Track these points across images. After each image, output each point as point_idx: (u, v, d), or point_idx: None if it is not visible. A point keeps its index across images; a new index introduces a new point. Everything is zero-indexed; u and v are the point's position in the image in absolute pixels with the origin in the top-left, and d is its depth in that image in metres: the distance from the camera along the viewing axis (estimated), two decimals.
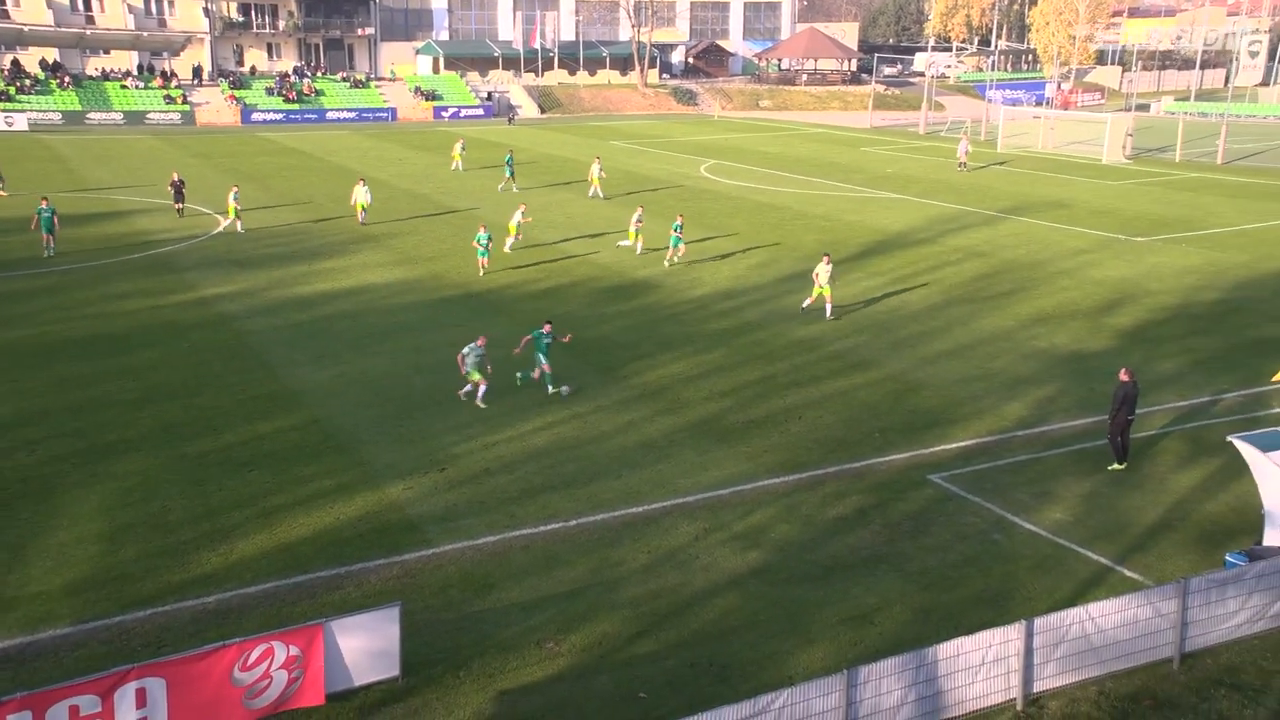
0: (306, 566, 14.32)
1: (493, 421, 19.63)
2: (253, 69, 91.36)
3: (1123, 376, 17.57)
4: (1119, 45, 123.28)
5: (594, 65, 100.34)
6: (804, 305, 27.02)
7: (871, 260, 33.70)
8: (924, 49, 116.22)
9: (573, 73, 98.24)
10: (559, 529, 15.55)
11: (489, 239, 31.02)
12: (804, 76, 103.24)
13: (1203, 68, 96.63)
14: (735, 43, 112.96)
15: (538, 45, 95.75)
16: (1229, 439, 14.61)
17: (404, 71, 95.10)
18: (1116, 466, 17.56)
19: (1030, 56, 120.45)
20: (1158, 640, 12.06)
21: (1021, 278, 31.28)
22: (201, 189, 45.78)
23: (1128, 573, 14.26)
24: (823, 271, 26.61)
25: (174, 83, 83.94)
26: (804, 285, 30.25)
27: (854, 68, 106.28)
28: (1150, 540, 15.21)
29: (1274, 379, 21.82)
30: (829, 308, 26.67)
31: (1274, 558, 12.83)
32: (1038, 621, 11.43)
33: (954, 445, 18.63)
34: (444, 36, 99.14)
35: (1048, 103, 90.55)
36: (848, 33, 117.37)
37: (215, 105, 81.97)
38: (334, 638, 11.17)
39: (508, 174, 47.42)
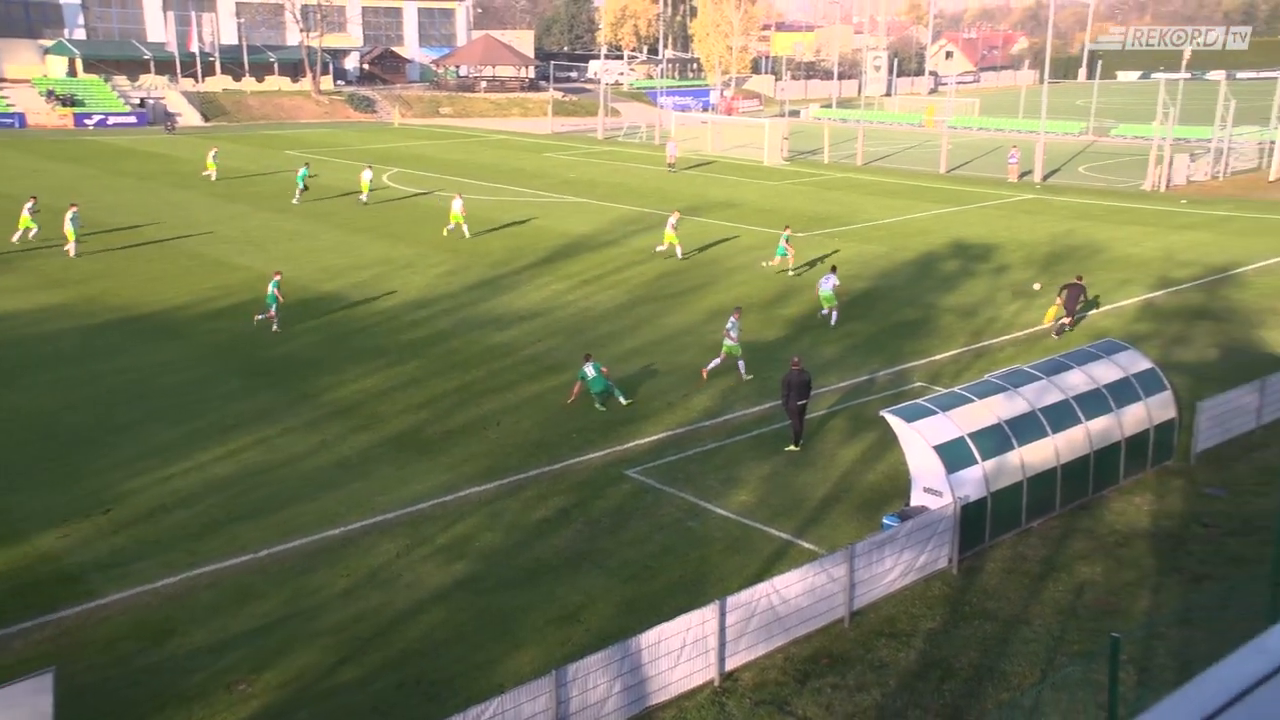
0: None
1: (167, 453, 18.14)
2: None
3: (792, 364, 18.96)
4: (770, 55, 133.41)
5: (261, 71, 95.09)
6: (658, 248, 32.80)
7: (559, 264, 34.31)
8: (597, 57, 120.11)
9: (238, 78, 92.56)
10: (249, 561, 14.61)
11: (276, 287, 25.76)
12: (483, 83, 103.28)
13: (840, 79, 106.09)
14: (411, 49, 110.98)
15: (195, 49, 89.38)
16: (881, 413, 16.13)
17: (30, 73, 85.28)
18: (792, 448, 18.93)
19: (695, 65, 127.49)
20: (832, 604, 13.12)
21: (700, 275, 32.97)
22: None
23: (805, 544, 15.41)
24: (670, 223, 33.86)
25: None
26: (494, 293, 30.38)
27: (532, 75, 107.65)
28: (823, 513, 16.52)
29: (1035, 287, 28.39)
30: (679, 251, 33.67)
31: (919, 516, 14.34)
32: (729, 600, 12.09)
33: (647, 440, 19.33)
34: (80, 35, 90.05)
35: (713, 108, 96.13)
36: (523, 40, 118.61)
37: None
38: None
39: (301, 187, 45.84)
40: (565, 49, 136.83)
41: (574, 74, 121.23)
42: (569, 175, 57.01)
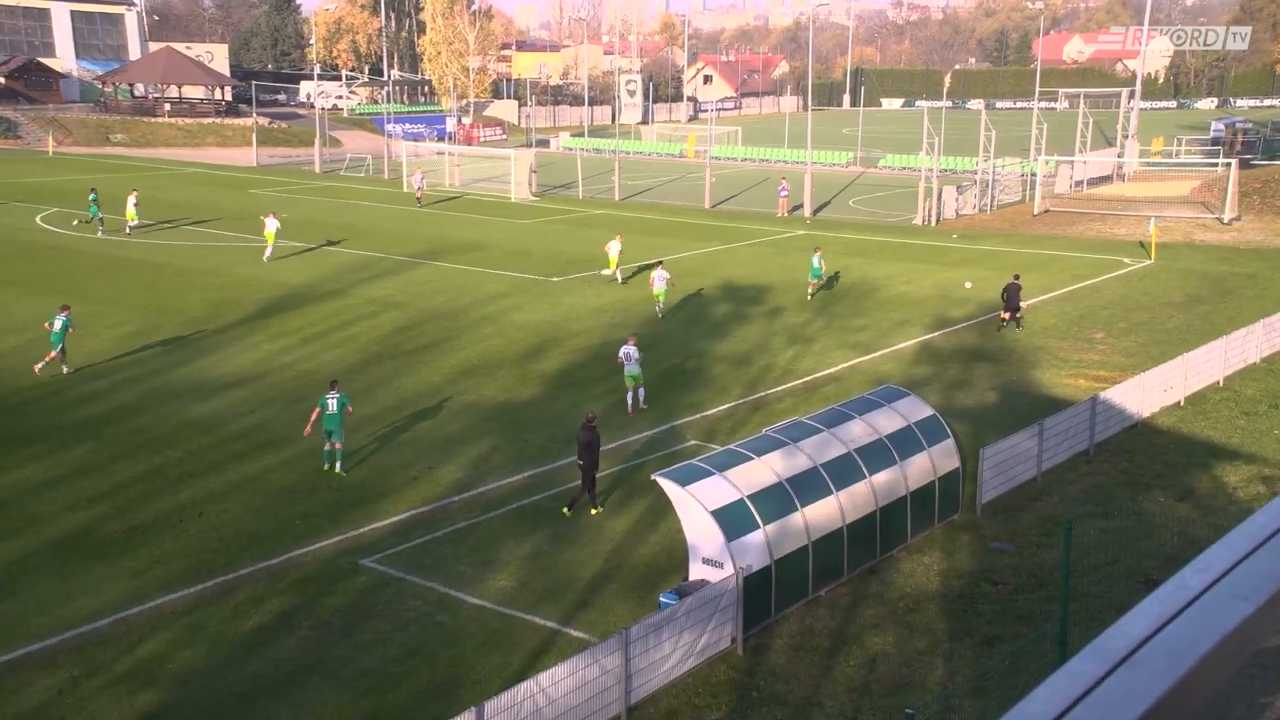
0: None
1: None
2: None
3: (587, 420, 19.35)
4: (513, 78, 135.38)
5: None
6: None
7: (274, 320, 33.19)
8: (309, 76, 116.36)
9: None
10: None
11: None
12: (167, 106, 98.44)
13: (592, 104, 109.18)
14: (66, 61, 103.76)
15: None
16: (653, 477, 16.48)
17: None
18: (566, 511, 19.15)
19: (427, 88, 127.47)
20: (606, 699, 13.17)
21: (444, 328, 32.73)
22: None
23: (575, 632, 15.43)
24: (613, 247, 38.38)
25: None
26: (193, 356, 29.09)
27: (229, 97, 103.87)
28: (593, 594, 16.62)
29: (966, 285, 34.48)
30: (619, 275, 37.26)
31: (698, 591, 14.70)
32: (488, 706, 11.89)
33: (388, 521, 18.88)
34: None
35: (450, 137, 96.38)
36: (216, 55, 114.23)
37: None
38: None
39: (94, 214, 47.36)
40: (269, 67, 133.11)
41: (282, 96, 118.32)
42: (283, 215, 55.40)
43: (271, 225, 43.19)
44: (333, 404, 21.07)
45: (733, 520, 15.38)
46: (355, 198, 62.65)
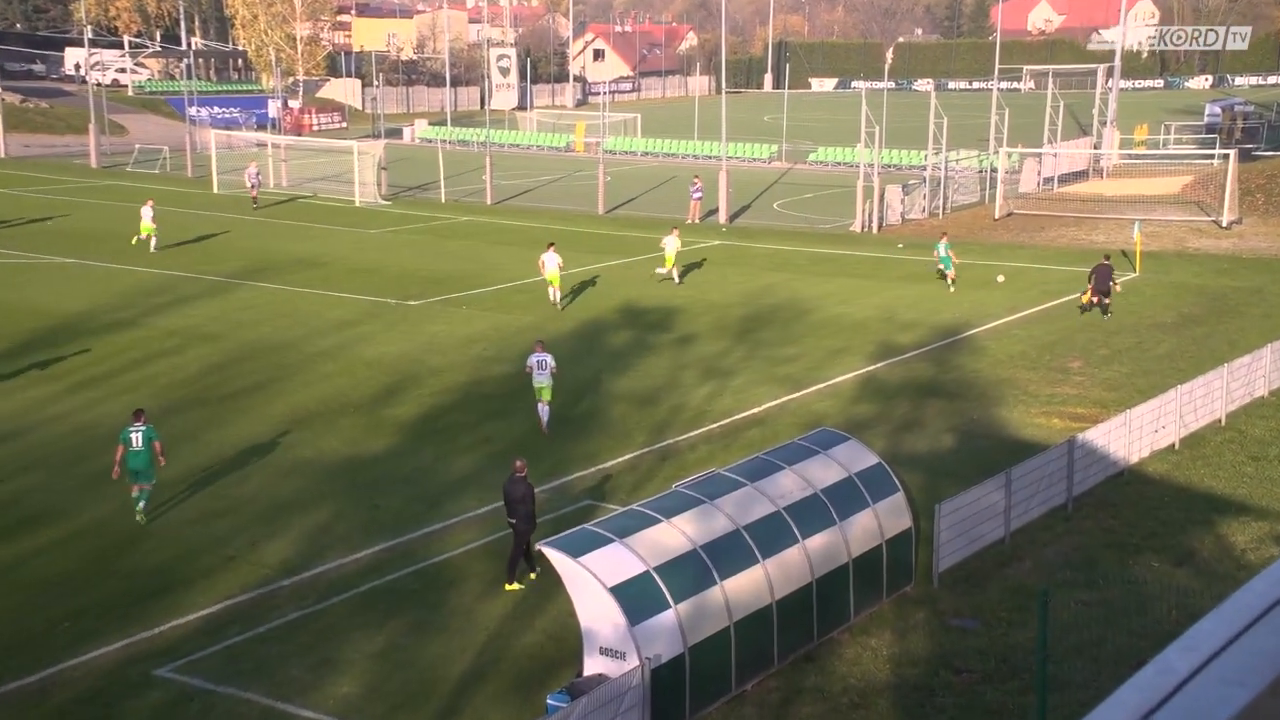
0: None
1: None
2: None
3: (514, 469, 19.90)
4: (354, 51, 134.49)
5: None
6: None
7: (39, 353, 32.70)
8: (77, 42, 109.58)
9: None
10: None
11: None
12: None
13: (455, 85, 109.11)
14: None
15: None
16: (538, 547, 16.45)
17: None
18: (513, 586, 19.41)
19: (240, 62, 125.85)
20: None
21: (270, 365, 32.30)
22: None
23: None
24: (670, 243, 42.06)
25: None
26: None
27: None
28: (463, 698, 16.49)
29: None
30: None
31: (595, 689, 14.66)
32: None
33: (193, 616, 18.49)
34: None
35: (274, 125, 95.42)
36: None
37: None
38: None
39: None
40: (18, 27, 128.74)
41: (39, 67, 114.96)
42: (46, 222, 54.30)
43: (147, 215, 47.39)
44: (137, 439, 21.47)
45: (636, 598, 15.39)
46: (149, 199, 61.36)
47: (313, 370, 31.95)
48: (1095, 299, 36.94)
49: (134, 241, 47.93)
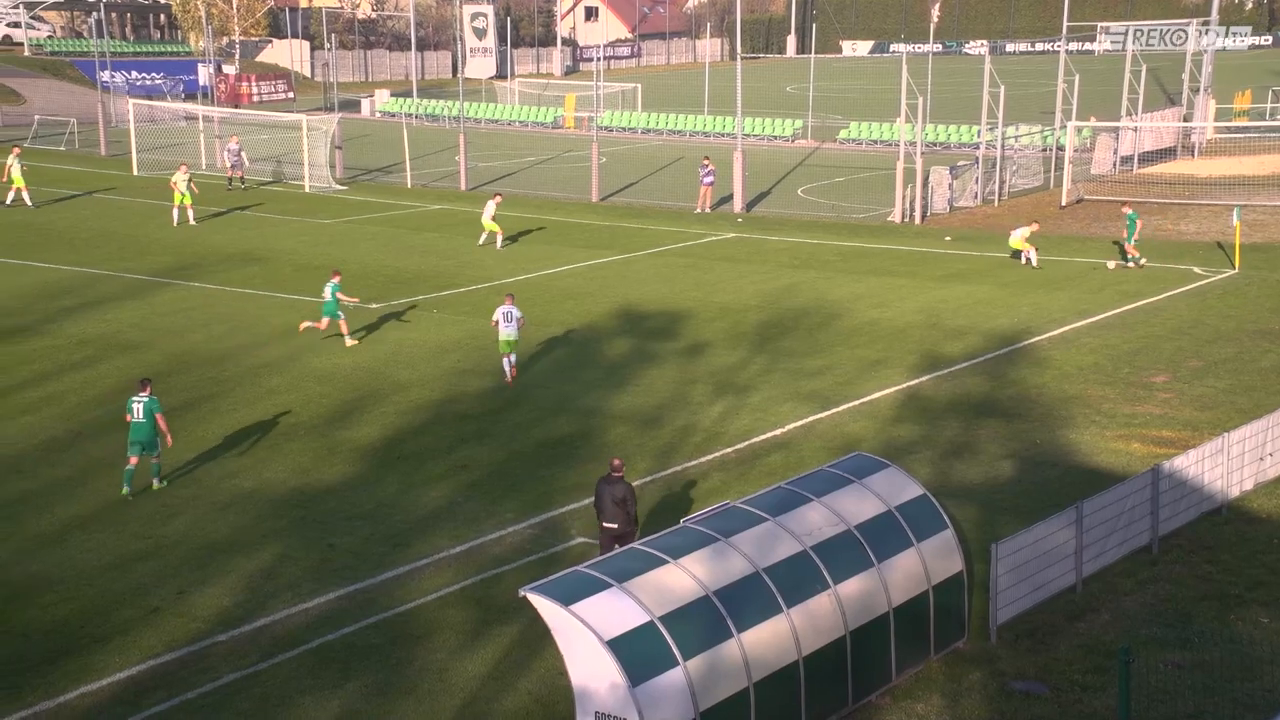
0: None
1: None
2: None
3: (612, 468, 20.71)
4: (301, 6, 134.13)
5: None
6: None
7: None
8: None
9: None
10: None
11: None
12: None
13: (422, 49, 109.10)
14: None
15: None
16: (522, 592, 16.41)
17: None
18: None
19: (164, 18, 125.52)
20: None
21: (204, 380, 32.32)
22: None
23: None
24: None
25: None
26: None
27: None
28: None
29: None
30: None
31: None
32: None
33: (106, 681, 18.46)
34: None
35: (206, 95, 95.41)
36: None
37: None
38: None
39: None
40: None
41: None
42: None
43: (15, 164, 49.06)
44: (138, 409, 23.45)
45: (639, 654, 15.34)
46: (54, 183, 61.51)
47: (255, 385, 31.94)
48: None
49: (7, 201, 49.06)
